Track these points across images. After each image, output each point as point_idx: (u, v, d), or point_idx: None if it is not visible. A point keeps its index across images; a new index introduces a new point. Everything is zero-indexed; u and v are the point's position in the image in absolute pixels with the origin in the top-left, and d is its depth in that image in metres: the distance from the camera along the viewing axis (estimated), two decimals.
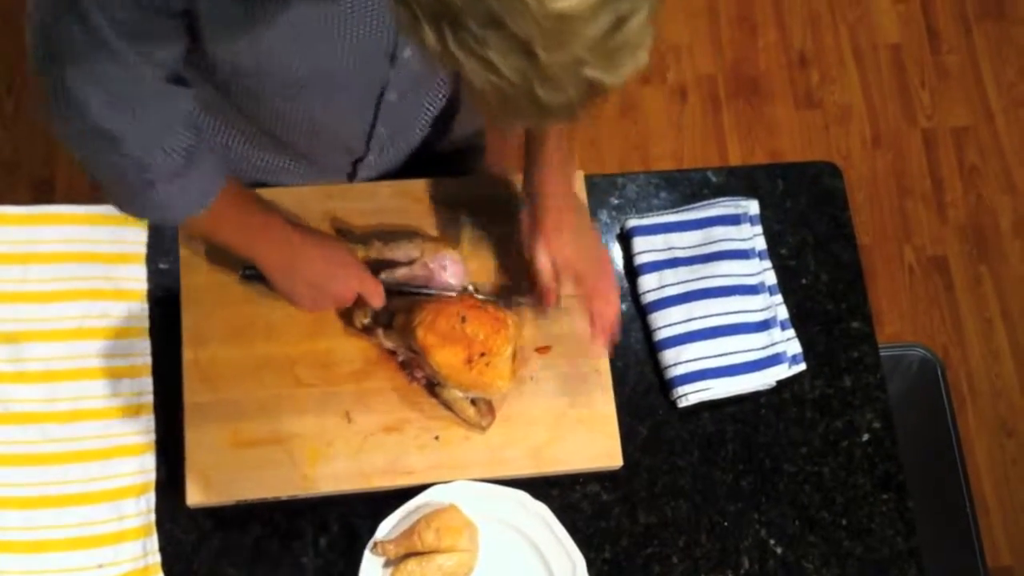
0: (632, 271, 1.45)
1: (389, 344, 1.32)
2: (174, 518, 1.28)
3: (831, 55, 2.72)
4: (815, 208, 1.52)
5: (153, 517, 1.28)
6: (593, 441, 1.34)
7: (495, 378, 1.28)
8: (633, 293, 1.44)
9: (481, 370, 1.27)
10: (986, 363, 2.49)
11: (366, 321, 1.32)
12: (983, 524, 2.06)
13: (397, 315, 1.32)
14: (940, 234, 2.58)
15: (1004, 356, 2.49)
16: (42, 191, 2.32)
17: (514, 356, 1.31)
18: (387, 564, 1.26)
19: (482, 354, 1.27)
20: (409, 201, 1.41)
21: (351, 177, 1.43)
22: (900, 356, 1.97)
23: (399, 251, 1.34)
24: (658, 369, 1.41)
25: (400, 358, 1.33)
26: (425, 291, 1.33)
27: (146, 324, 1.34)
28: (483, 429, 1.32)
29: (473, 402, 1.31)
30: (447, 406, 1.32)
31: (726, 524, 1.36)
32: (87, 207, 1.38)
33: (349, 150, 1.35)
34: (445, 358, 1.27)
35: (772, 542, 1.36)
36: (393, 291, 1.31)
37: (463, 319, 1.27)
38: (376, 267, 1.33)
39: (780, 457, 1.40)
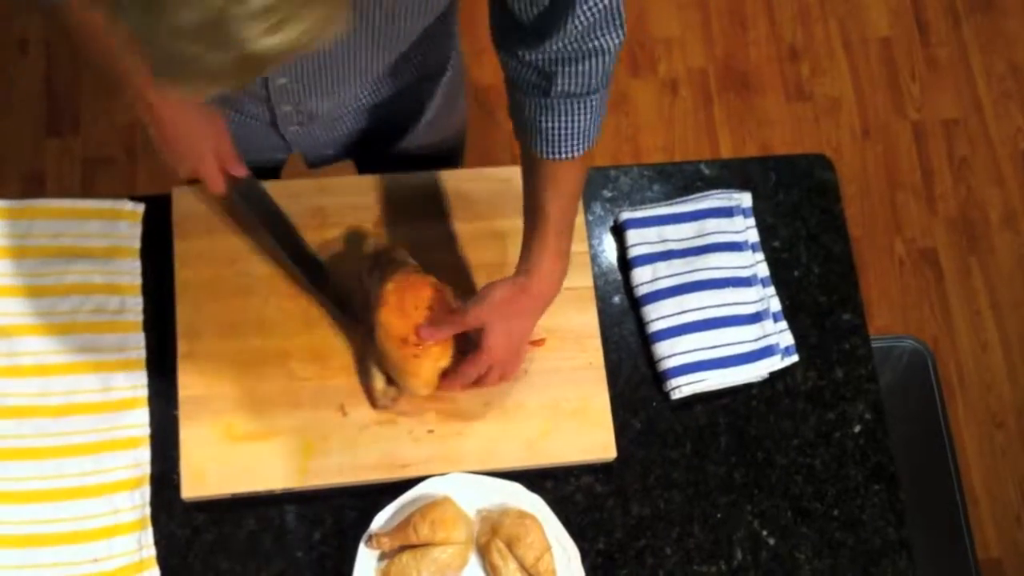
0: (625, 264, 1.45)
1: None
2: (169, 512, 1.28)
3: (821, 48, 2.73)
4: (807, 201, 1.52)
5: (148, 511, 1.28)
6: (587, 433, 1.34)
7: (414, 374, 1.25)
8: (626, 286, 1.44)
9: (407, 357, 1.24)
10: (976, 355, 2.50)
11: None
12: (972, 515, 2.07)
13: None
14: (930, 226, 2.59)
15: (993, 347, 2.50)
16: (31, 185, 2.32)
17: (444, 374, 1.27)
18: (382, 557, 1.27)
19: (417, 345, 1.24)
20: (401, 193, 1.41)
21: (274, 127, 1.34)
22: (890, 348, 1.98)
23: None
24: (651, 361, 1.41)
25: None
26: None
27: (140, 318, 1.34)
28: (379, 408, 1.30)
29: (389, 380, 1.29)
30: (364, 365, 1.30)
31: (719, 515, 1.37)
32: (78, 201, 1.37)
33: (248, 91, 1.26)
34: (388, 319, 1.24)
35: (764, 533, 1.37)
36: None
37: (428, 308, 1.25)
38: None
39: (772, 449, 1.40)
